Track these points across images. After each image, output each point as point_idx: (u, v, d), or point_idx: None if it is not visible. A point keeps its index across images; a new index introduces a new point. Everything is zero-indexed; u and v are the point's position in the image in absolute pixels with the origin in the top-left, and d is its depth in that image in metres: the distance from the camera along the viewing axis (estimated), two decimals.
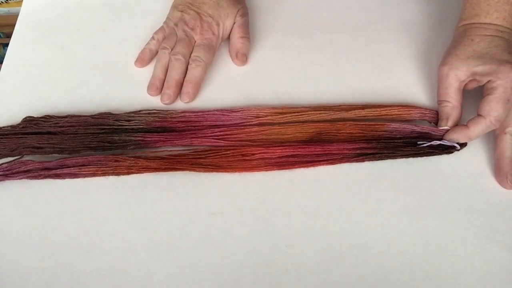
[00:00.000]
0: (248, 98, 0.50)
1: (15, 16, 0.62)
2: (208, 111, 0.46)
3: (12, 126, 0.46)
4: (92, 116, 0.46)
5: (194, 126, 0.46)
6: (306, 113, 0.45)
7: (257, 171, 0.43)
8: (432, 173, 0.44)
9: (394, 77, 0.50)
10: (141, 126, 0.46)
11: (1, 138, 0.44)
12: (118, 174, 0.43)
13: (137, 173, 0.43)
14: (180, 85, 0.50)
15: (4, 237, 0.42)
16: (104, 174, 0.43)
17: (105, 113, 0.46)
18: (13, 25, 0.61)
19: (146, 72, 0.52)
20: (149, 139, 0.45)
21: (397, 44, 0.53)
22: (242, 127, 0.45)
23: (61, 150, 0.44)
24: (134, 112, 0.47)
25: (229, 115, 0.46)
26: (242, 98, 0.50)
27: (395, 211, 0.41)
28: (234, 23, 0.54)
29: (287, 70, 0.52)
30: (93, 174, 0.43)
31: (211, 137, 0.45)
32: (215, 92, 0.51)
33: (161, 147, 0.45)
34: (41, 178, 0.43)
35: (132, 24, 0.58)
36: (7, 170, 0.43)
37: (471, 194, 0.42)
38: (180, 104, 0.50)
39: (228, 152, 0.44)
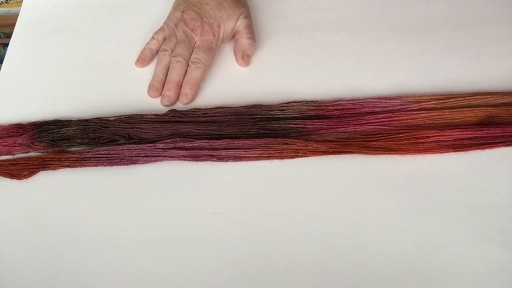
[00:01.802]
0: (248, 98, 0.51)
1: (15, 16, 0.62)
2: (363, 99, 0.48)
3: (156, 115, 0.48)
4: (244, 107, 0.49)
5: (351, 114, 0.48)
6: (473, 97, 0.47)
7: (431, 153, 0.45)
8: (431, 172, 0.45)
9: (394, 77, 0.52)
10: (295, 115, 0.48)
11: (148, 124, 0.48)
12: (283, 157, 0.46)
13: (303, 156, 0.45)
14: (180, 87, 0.51)
15: (4, 236, 0.43)
16: (269, 157, 0.46)
17: (256, 104, 0.49)
18: (13, 25, 0.61)
19: (146, 72, 0.54)
20: (310, 126, 0.47)
21: (397, 44, 0.55)
22: (408, 112, 0.47)
23: (219, 137, 0.46)
24: (287, 103, 0.49)
25: (387, 102, 0.48)
26: (242, 98, 0.51)
27: (394, 210, 0.42)
28: (238, 24, 0.55)
29: (287, 70, 0.53)
30: (258, 157, 0.45)
31: (376, 123, 0.46)
32: (215, 92, 0.52)
33: (324, 133, 0.47)
34: (204, 160, 0.46)
35: (132, 24, 0.59)
36: (166, 149, 0.46)
37: (470, 193, 0.43)
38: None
39: (400, 135, 0.45)
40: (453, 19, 0.56)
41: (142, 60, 0.55)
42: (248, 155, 0.45)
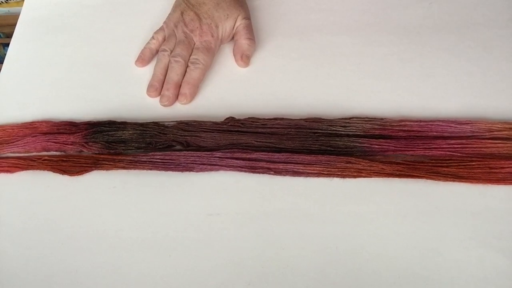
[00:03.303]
0: (247, 99, 0.52)
1: (15, 16, 0.63)
2: (431, 121, 0.48)
3: (214, 123, 0.49)
4: (305, 120, 0.49)
5: (418, 136, 0.47)
6: None
7: (504, 184, 0.44)
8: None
9: (394, 80, 0.52)
10: (358, 133, 0.48)
11: (206, 132, 0.48)
12: (344, 176, 0.45)
13: (366, 177, 0.45)
14: (179, 87, 0.53)
15: (3, 236, 0.44)
16: (329, 175, 0.45)
17: (317, 117, 0.49)
18: (13, 25, 0.62)
19: (146, 72, 0.55)
20: (376, 146, 0.46)
21: (398, 46, 0.55)
22: (482, 140, 0.46)
23: (279, 150, 0.47)
24: (349, 119, 0.49)
25: (457, 127, 0.47)
26: (241, 99, 0.52)
27: (391, 214, 0.43)
28: (237, 25, 0.56)
29: (286, 72, 0.54)
30: (318, 174, 0.45)
31: (447, 149, 0.46)
32: (214, 93, 0.53)
33: (389, 155, 0.47)
34: (261, 172, 0.46)
35: (132, 23, 0.60)
36: (223, 159, 0.46)
37: (467, 198, 0.44)
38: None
39: (473, 162, 0.44)
40: (455, 21, 0.56)
41: (142, 59, 0.56)
42: (307, 171, 0.45)
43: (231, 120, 0.49)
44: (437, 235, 0.42)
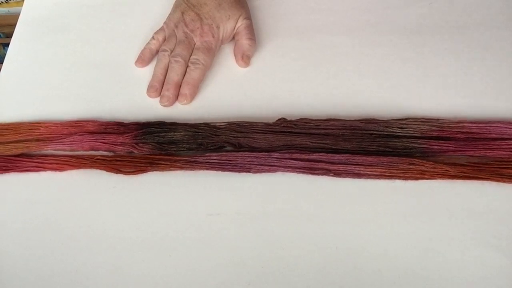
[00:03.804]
0: (248, 99, 0.52)
1: (15, 16, 0.63)
2: (490, 123, 0.47)
3: (266, 124, 0.49)
4: (360, 121, 0.48)
5: (476, 138, 0.47)
6: None
7: None
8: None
9: (395, 80, 0.52)
10: (416, 135, 0.47)
11: (260, 133, 0.48)
12: (406, 178, 0.45)
13: (430, 179, 0.45)
14: (179, 87, 0.52)
15: (4, 236, 0.44)
16: (391, 177, 0.45)
17: (373, 118, 0.49)
18: (13, 25, 0.62)
19: (146, 72, 0.55)
20: (435, 146, 0.46)
21: (398, 46, 0.55)
22: None
23: (335, 151, 0.46)
24: (405, 119, 0.48)
25: None
26: (242, 99, 0.52)
27: (391, 214, 0.43)
28: (238, 25, 0.56)
29: (287, 72, 0.54)
30: (379, 176, 0.45)
31: (509, 149, 0.45)
32: (214, 93, 0.53)
33: (451, 156, 0.46)
34: (319, 174, 0.46)
35: (132, 23, 0.60)
36: (281, 159, 0.46)
37: (467, 198, 0.44)
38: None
39: None
40: (455, 21, 0.56)
41: (142, 60, 0.56)
42: (368, 172, 0.45)
43: (283, 121, 0.49)
44: (437, 235, 0.42)
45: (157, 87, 0.52)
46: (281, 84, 0.53)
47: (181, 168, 0.46)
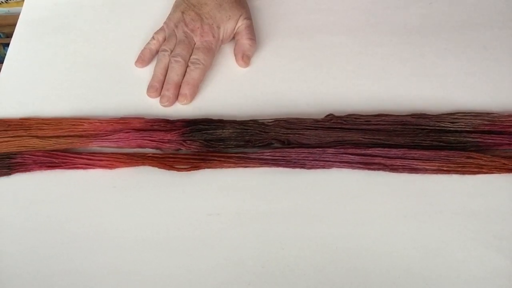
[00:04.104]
0: (248, 99, 0.52)
1: (15, 16, 0.63)
2: None
3: (315, 120, 0.49)
4: (411, 116, 0.48)
5: None
6: None
7: None
8: (429, 176, 0.45)
9: (394, 80, 0.52)
10: (468, 129, 0.47)
11: (310, 130, 0.48)
12: (464, 172, 0.45)
13: (487, 173, 0.45)
14: (180, 87, 0.52)
15: (4, 236, 0.44)
16: (448, 171, 0.45)
17: (423, 113, 0.49)
18: (13, 25, 0.62)
19: (146, 72, 0.55)
20: (489, 140, 0.46)
21: (398, 46, 0.55)
22: None
23: (389, 147, 0.46)
24: (455, 114, 0.48)
25: None
26: (242, 99, 0.52)
27: (392, 214, 0.43)
28: (239, 25, 0.56)
29: (287, 72, 0.54)
30: (437, 171, 0.45)
31: None
32: (214, 93, 0.53)
33: (505, 150, 0.46)
34: (375, 169, 0.45)
35: (132, 23, 0.60)
36: (337, 155, 0.46)
37: (467, 198, 0.44)
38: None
39: None
40: (455, 21, 0.56)
41: (142, 60, 0.56)
42: (426, 167, 0.45)
43: (332, 117, 0.49)
44: (437, 235, 0.42)
45: (157, 87, 0.52)
46: (281, 84, 0.53)
47: (235, 164, 0.46)
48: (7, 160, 0.47)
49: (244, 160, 0.46)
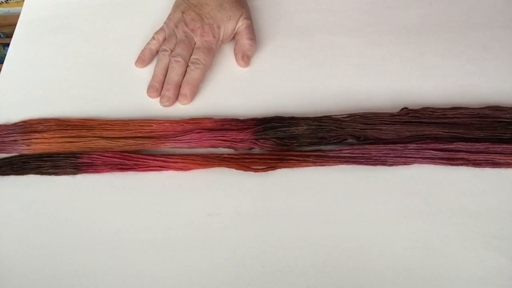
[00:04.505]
0: (248, 99, 0.52)
1: (15, 16, 0.64)
2: None
3: (391, 115, 0.48)
4: (488, 108, 0.48)
5: None
6: None
7: None
8: (429, 177, 0.45)
9: (395, 80, 0.52)
10: None
11: (388, 125, 0.47)
12: None
13: None
14: (180, 87, 0.52)
15: (4, 236, 0.44)
16: None
17: (499, 106, 0.48)
18: (13, 25, 0.62)
19: (146, 72, 0.55)
20: None
21: (398, 46, 0.55)
22: None
23: (467, 140, 0.45)
24: None
25: None
26: (242, 100, 0.52)
27: (392, 214, 0.43)
28: (239, 25, 0.56)
29: (287, 72, 0.54)
30: None
31: None
32: (214, 93, 0.53)
33: None
34: (458, 164, 0.45)
35: (132, 23, 0.60)
36: (419, 150, 0.45)
37: (467, 198, 0.44)
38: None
39: None
40: (455, 21, 0.57)
41: (142, 60, 0.56)
42: (509, 161, 0.44)
43: (408, 111, 0.48)
44: (437, 235, 0.42)
45: (157, 87, 0.52)
46: (281, 84, 0.53)
47: (313, 163, 0.46)
48: (73, 160, 0.47)
49: (322, 159, 0.45)
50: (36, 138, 0.49)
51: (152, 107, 0.52)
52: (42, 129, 0.49)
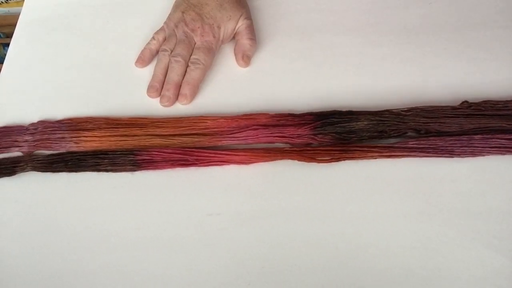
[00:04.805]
0: (248, 99, 0.52)
1: (15, 16, 0.64)
2: None
3: (452, 107, 0.48)
4: None
5: None
6: None
7: None
8: (430, 176, 0.45)
9: (394, 80, 0.52)
10: None
11: (451, 118, 0.47)
12: None
13: None
14: (180, 87, 0.52)
15: (4, 236, 0.45)
16: None
17: None
18: (13, 25, 0.62)
19: (146, 72, 0.55)
20: None
21: (398, 46, 0.55)
22: None
23: None
24: None
25: None
26: (242, 100, 0.52)
27: (393, 214, 0.43)
28: (239, 25, 0.56)
29: (287, 72, 0.54)
30: None
31: None
32: (214, 93, 0.53)
33: None
34: None
35: (132, 23, 0.60)
36: (488, 140, 0.45)
37: (468, 198, 0.44)
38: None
39: None
40: (455, 21, 0.57)
41: (142, 60, 0.56)
42: None
43: (469, 104, 0.48)
44: (437, 235, 0.42)
45: (157, 88, 0.52)
46: (281, 84, 0.53)
47: (379, 154, 0.45)
48: (131, 157, 0.47)
49: (388, 150, 0.45)
50: (86, 136, 0.49)
51: (152, 107, 0.52)
52: (92, 127, 0.49)
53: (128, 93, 0.53)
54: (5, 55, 0.59)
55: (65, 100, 0.53)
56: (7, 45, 0.61)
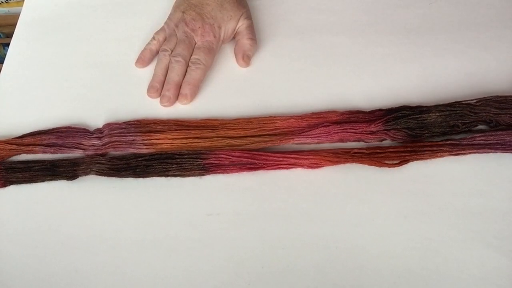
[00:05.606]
0: (248, 99, 0.52)
1: (15, 16, 0.64)
2: None
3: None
4: None
5: None
6: None
7: None
8: (429, 176, 0.45)
9: (394, 80, 0.52)
10: None
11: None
12: None
13: None
14: (180, 87, 0.52)
15: (4, 236, 0.44)
16: None
17: None
18: (13, 25, 0.62)
19: (147, 72, 0.55)
20: None
21: (398, 46, 0.55)
22: None
23: None
24: None
25: None
26: (242, 99, 0.52)
27: (392, 214, 0.43)
28: (239, 25, 0.56)
29: (287, 72, 0.54)
30: None
31: None
32: (214, 93, 0.53)
33: None
34: None
35: (133, 23, 0.60)
36: None
37: (468, 198, 0.44)
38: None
39: None
40: (455, 22, 0.57)
41: (142, 60, 0.56)
42: None
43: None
44: (437, 235, 0.42)
45: (158, 88, 0.52)
46: (281, 84, 0.53)
47: (450, 153, 0.44)
48: (199, 161, 0.46)
49: (458, 147, 0.44)
50: (158, 138, 0.48)
51: (153, 107, 0.52)
52: (162, 129, 0.49)
53: (128, 93, 0.53)
54: (5, 55, 0.59)
55: (65, 100, 0.53)
56: (7, 45, 0.62)
